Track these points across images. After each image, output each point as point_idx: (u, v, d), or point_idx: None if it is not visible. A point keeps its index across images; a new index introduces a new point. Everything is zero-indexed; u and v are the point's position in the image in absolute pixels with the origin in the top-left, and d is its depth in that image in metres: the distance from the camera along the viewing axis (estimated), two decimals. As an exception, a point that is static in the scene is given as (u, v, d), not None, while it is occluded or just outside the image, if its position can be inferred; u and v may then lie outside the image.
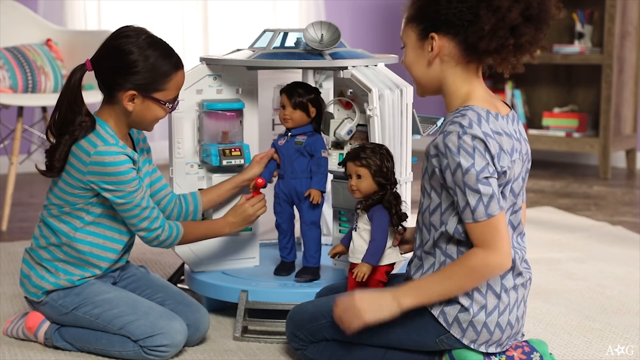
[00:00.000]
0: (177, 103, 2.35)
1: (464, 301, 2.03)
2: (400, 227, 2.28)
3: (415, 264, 2.13)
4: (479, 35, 1.99)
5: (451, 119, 2.02)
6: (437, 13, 2.02)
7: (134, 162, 2.29)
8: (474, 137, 1.96)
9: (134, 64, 2.24)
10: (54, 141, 2.29)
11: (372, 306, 2.04)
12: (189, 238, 2.42)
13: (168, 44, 2.31)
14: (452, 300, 2.04)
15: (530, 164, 2.14)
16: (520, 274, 2.08)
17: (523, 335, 2.16)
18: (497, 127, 2.02)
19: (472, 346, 2.05)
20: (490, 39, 1.99)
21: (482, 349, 2.06)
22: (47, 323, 2.39)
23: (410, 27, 2.09)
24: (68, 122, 2.27)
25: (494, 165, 1.98)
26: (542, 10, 2.02)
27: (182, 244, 2.42)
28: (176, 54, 2.31)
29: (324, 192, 2.54)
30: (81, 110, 2.28)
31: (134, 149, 2.40)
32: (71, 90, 2.28)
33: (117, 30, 2.30)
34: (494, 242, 1.97)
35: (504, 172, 2.01)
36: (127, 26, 2.31)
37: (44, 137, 4.18)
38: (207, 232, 2.48)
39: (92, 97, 2.90)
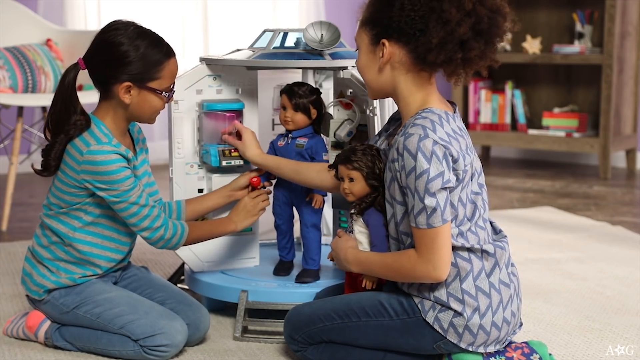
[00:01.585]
0: (173, 92, 2.36)
1: (456, 306, 2.03)
2: None
3: None
4: (427, 47, 2.00)
5: (413, 121, 2.02)
6: (390, 19, 2.02)
7: (127, 160, 2.28)
8: (435, 142, 1.96)
9: (125, 54, 2.25)
10: (50, 140, 2.30)
11: (338, 254, 2.21)
12: (193, 236, 2.39)
13: (157, 34, 2.32)
14: (444, 306, 2.04)
15: None
16: (505, 268, 2.08)
17: (521, 324, 2.16)
18: (455, 127, 2.03)
19: (470, 348, 2.05)
20: (438, 52, 1.99)
21: (481, 349, 2.06)
22: (48, 322, 2.39)
23: (363, 30, 2.10)
24: (63, 121, 2.28)
25: (456, 170, 1.99)
26: (493, 25, 2.02)
27: (188, 244, 2.40)
28: (166, 42, 2.32)
29: (326, 195, 2.54)
30: (76, 109, 2.29)
31: (134, 148, 2.40)
32: (65, 89, 2.30)
33: (105, 26, 2.31)
34: (427, 252, 1.99)
35: (466, 170, 2.01)
36: (115, 20, 2.32)
37: (44, 137, 4.19)
38: (211, 230, 2.46)
39: (94, 97, 2.88)
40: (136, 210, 2.28)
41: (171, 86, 2.33)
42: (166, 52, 2.30)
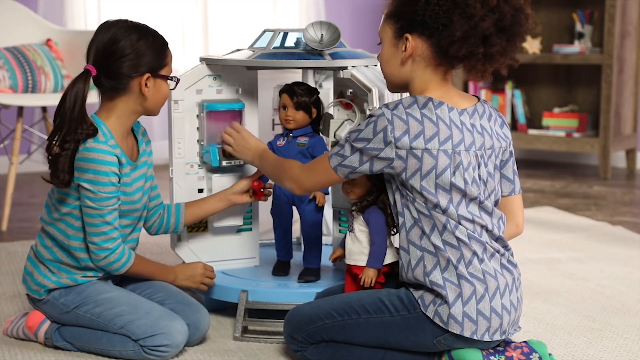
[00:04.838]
0: (178, 80, 2.41)
1: (451, 294, 2.03)
2: (395, 228, 2.27)
3: (400, 263, 2.14)
4: (450, 40, 2.03)
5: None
6: (414, 13, 2.06)
7: (120, 164, 2.27)
8: (382, 114, 2.04)
9: (138, 46, 2.27)
10: (57, 150, 2.24)
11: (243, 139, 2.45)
12: (135, 270, 2.36)
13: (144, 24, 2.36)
14: (442, 299, 2.04)
15: (502, 156, 2.15)
16: (498, 257, 2.08)
17: (519, 327, 2.15)
18: (433, 114, 2.05)
19: (474, 337, 2.04)
20: (460, 46, 2.03)
21: (486, 337, 2.05)
22: (48, 322, 2.39)
23: (388, 23, 2.14)
24: (70, 132, 2.24)
25: (399, 148, 2.02)
26: (515, 23, 2.06)
27: (128, 274, 2.36)
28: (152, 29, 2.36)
29: (327, 193, 2.54)
30: (85, 120, 2.24)
31: (137, 149, 2.39)
32: (74, 100, 2.23)
33: (98, 28, 2.32)
34: (309, 170, 2.19)
35: (419, 156, 2.02)
36: (104, 22, 2.33)
37: (44, 137, 4.19)
38: (154, 273, 2.44)
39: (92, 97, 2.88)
40: (99, 222, 2.26)
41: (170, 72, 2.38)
42: (163, 38, 2.34)
